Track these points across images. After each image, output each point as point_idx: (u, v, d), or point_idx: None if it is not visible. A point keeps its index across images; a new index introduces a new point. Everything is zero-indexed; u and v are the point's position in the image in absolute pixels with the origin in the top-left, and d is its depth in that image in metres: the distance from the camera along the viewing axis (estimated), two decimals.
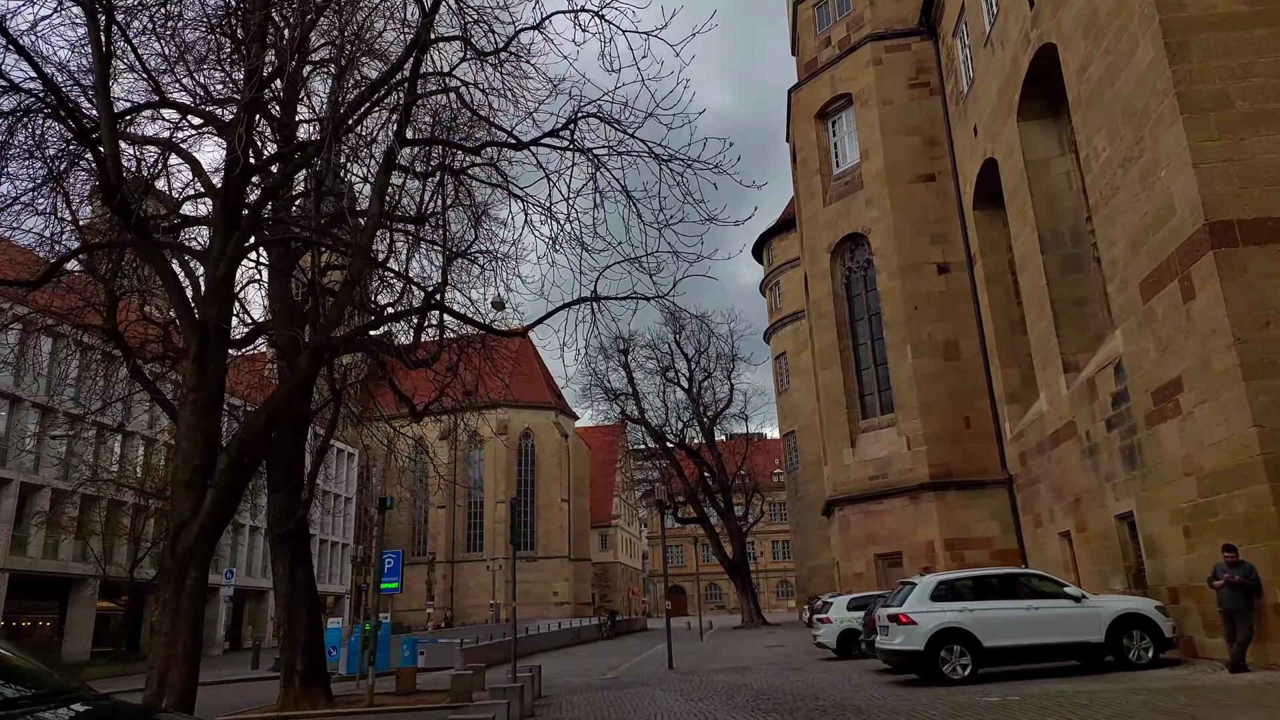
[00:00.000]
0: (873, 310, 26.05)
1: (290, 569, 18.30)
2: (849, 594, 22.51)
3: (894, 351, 24.80)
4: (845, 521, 25.46)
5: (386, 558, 32.27)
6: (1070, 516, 18.57)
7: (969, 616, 13.24)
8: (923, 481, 23.45)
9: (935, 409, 23.84)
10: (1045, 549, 20.40)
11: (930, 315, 24.44)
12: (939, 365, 24.07)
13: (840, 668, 18.21)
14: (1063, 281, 18.68)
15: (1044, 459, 20.01)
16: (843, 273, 27.07)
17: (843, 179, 27.36)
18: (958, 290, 24.45)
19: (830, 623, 20.70)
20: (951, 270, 24.65)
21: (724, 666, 21.59)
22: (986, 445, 23.26)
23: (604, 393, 51.85)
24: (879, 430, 25.21)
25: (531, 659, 31.35)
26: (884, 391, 25.40)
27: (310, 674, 17.72)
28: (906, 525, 23.68)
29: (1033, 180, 19.35)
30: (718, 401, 51.87)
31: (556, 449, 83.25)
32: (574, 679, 21.35)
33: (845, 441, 25.84)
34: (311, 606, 18.26)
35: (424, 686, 20.94)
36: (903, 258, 24.92)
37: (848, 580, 25.20)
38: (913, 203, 25.29)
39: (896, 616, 13.60)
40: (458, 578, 79.29)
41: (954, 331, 24.22)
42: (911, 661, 13.47)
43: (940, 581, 13.83)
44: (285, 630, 18.06)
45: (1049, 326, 18.81)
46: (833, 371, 26.50)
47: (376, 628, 18.07)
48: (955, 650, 13.13)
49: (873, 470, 24.89)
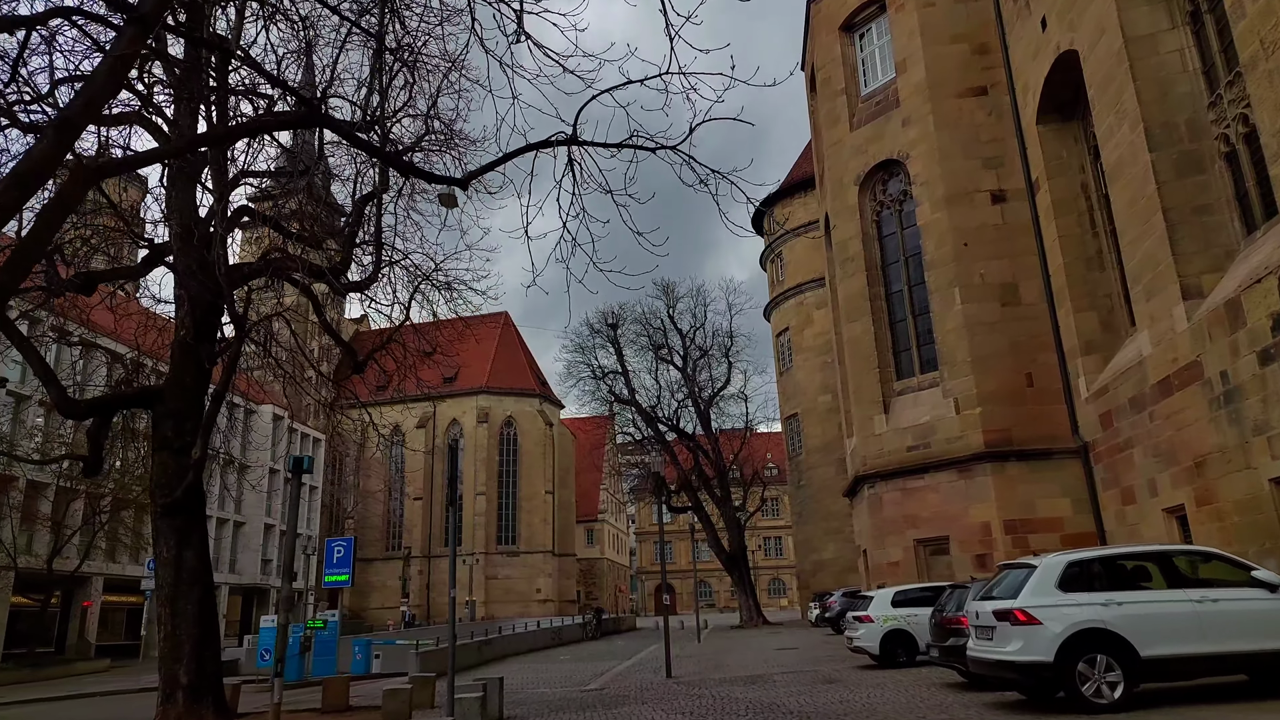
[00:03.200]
0: (910, 250, 21.90)
1: (176, 550, 13.91)
2: (886, 587, 18.37)
3: (939, 297, 20.66)
4: (877, 501, 21.31)
5: (335, 545, 27.86)
6: (1187, 486, 14.45)
7: (1117, 613, 9.08)
8: (976, 451, 19.31)
9: (990, 364, 19.71)
10: (1140, 530, 16.28)
11: (983, 252, 20.31)
12: (994, 312, 19.96)
13: (893, 680, 14.02)
14: (1179, 185, 14.55)
15: (1141, 417, 15.89)
16: (873, 208, 22.91)
17: (874, 98, 23.17)
18: (1016, 223, 20.33)
19: (871, 622, 16.52)
20: (1008, 199, 20.53)
21: (735, 675, 17.37)
22: (1053, 407, 19.15)
23: (590, 371, 47.66)
24: (919, 392, 21.06)
25: (504, 663, 27.09)
26: (924, 346, 21.27)
27: (199, 688, 13.39)
28: (955, 504, 19.55)
29: (1135, 63, 15.21)
30: (714, 381, 47.69)
31: (540, 438, 78.76)
32: (550, 690, 17.07)
33: (877, 406, 21.68)
34: (204, 600, 13.89)
35: (360, 701, 16.65)
36: (949, 185, 20.78)
37: (880, 571, 21.06)
38: (961, 121, 21.14)
39: (1008, 613, 9.41)
40: (435, 573, 74.71)
41: (1012, 271, 20.10)
42: (1033, 677, 9.29)
43: (1071, 563, 9.63)
44: (166, 631, 13.72)
45: (1160, 244, 14.68)
46: (862, 324, 22.32)
47: (285, 629, 13.73)
48: (1099, 662, 8.96)
49: (912, 439, 20.75)
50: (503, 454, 77.80)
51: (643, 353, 48.00)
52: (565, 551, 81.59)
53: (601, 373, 47.47)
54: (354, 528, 75.75)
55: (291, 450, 56.03)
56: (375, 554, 76.29)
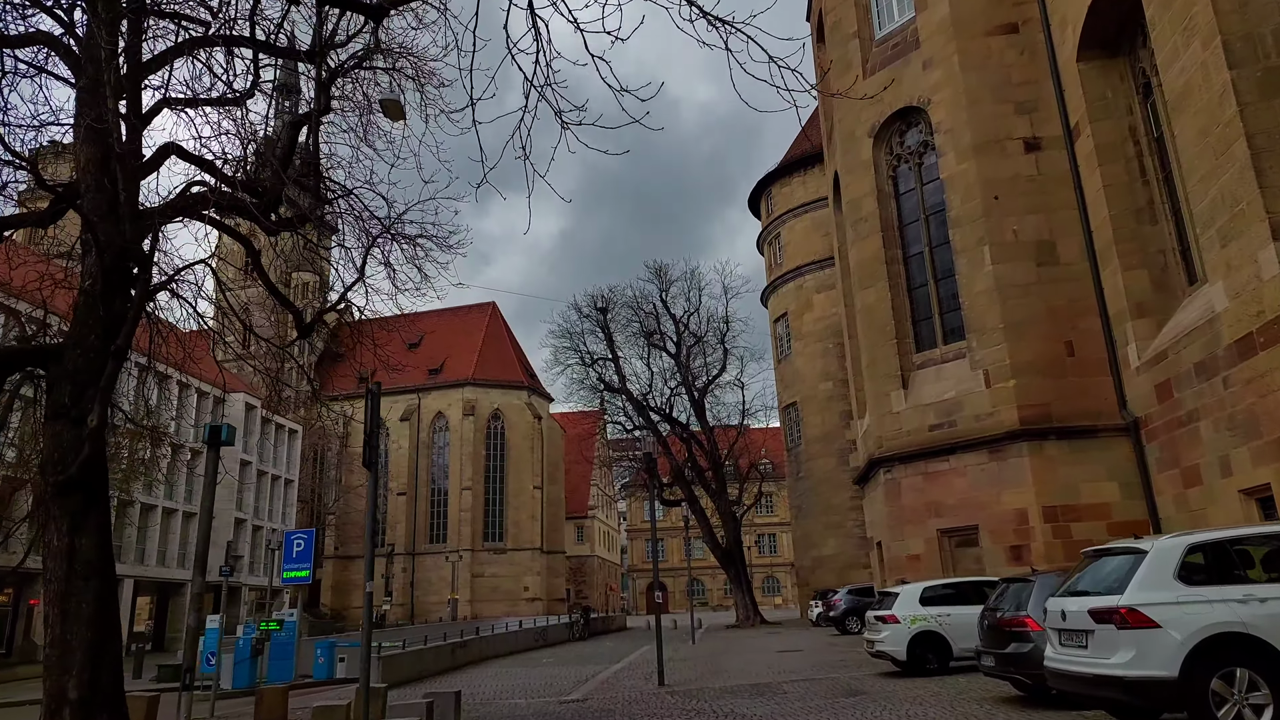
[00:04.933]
0: (931, 207, 19.64)
1: (69, 537, 11.41)
2: (910, 583, 16.13)
3: (966, 258, 18.40)
4: (894, 487, 19.05)
5: (294, 539, 25.44)
6: (1275, 463, 12.21)
7: (1260, 613, 6.81)
8: (1010, 429, 17.06)
9: (1025, 331, 17.46)
10: (1208, 516, 14.04)
11: (1016, 206, 18.06)
12: (1029, 272, 17.71)
13: (931, 693, 11.74)
14: (1265, 107, 12.31)
15: (1212, 384, 13.66)
16: (889, 163, 20.63)
17: (890, 41, 20.88)
18: (1053, 173, 18.10)
19: (896, 622, 14.24)
20: (1043, 147, 18.28)
21: (737, 684, 15.08)
22: (1097, 378, 16.92)
23: (579, 358, 45.29)
24: (942, 364, 18.80)
25: (480, 668, 24.72)
26: (948, 314, 19.01)
27: (90, 702, 10.99)
28: (985, 489, 17.30)
29: None
30: (709, 368, 45.37)
31: (528, 432, 76.36)
32: (525, 701, 14.74)
33: (894, 381, 19.41)
34: (102, 597, 11.40)
35: (301, 715, 14.28)
36: (977, 133, 18.53)
37: (898, 565, 18.81)
38: (990, 61, 18.88)
39: (1112, 613, 7.13)
40: (419, 571, 72.31)
41: (1049, 228, 17.86)
42: (1148, 697, 6.99)
43: (1193, 547, 7.34)
44: (54, 635, 11.32)
45: (1241, 178, 12.43)
46: (877, 290, 20.03)
47: (197, 631, 11.34)
48: (1240, 678, 6.70)
49: (934, 417, 18.49)
50: (489, 448, 75.35)
51: (634, 339, 45.70)
52: (554, 549, 79.20)
53: (591, 359, 45.13)
54: (335, 523, 73.25)
55: (266, 442, 53.54)
56: (358, 551, 73.67)
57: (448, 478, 74.27)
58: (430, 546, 72.78)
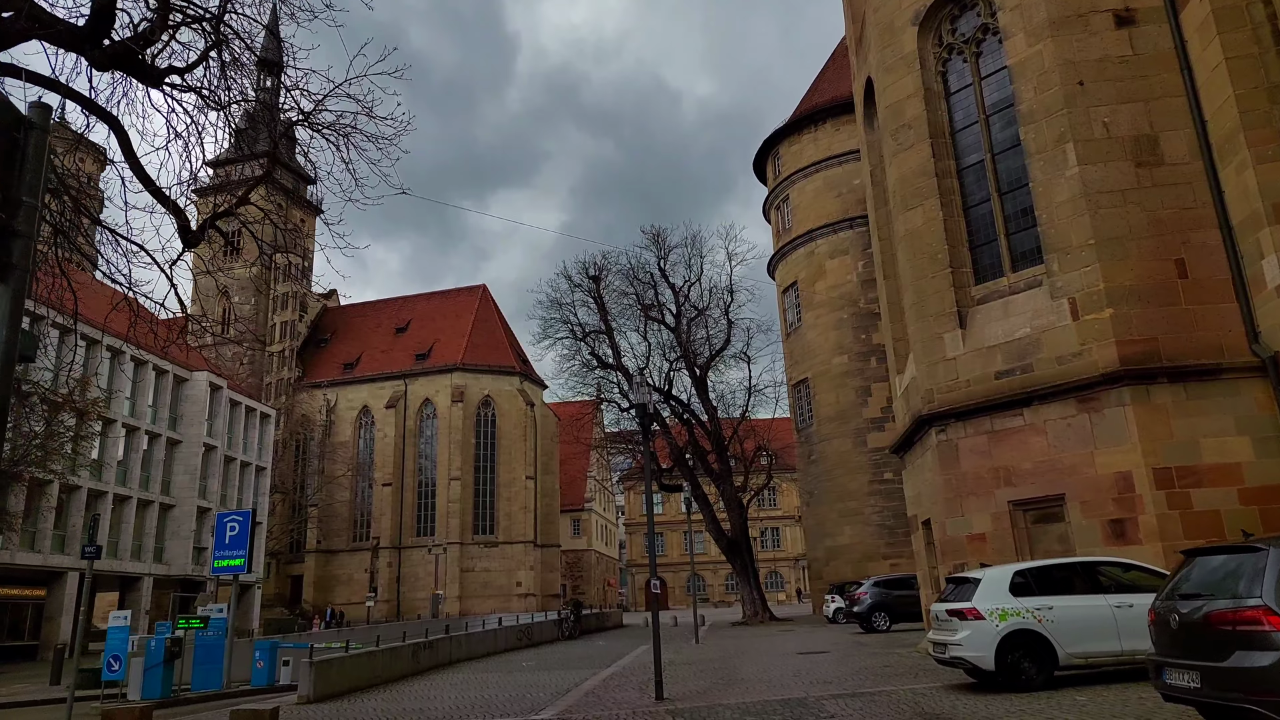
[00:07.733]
0: (993, 106, 15.89)
1: None
2: (990, 566, 12.47)
3: (1042, 161, 14.65)
4: (950, 450, 15.32)
5: (226, 521, 21.79)
6: None
7: None
8: (1106, 371, 13.32)
9: (1123, 249, 13.72)
10: None
11: (1106, 95, 14.30)
12: (1126, 175, 13.96)
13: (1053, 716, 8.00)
14: None
15: None
16: (938, 56, 16.89)
17: None
18: (1152, 52, 14.35)
19: (979, 619, 10.52)
20: (1138, 21, 14.52)
21: (762, 700, 11.34)
22: (1219, 305, 13.20)
23: (570, 331, 41.47)
24: (1011, 296, 15.06)
25: (447, 672, 20.89)
26: (1017, 234, 15.26)
27: None
28: (1073, 449, 13.56)
29: None
30: (711, 342, 41.57)
31: (521, 420, 72.49)
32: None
33: (948, 320, 15.67)
34: None
35: None
36: (1055, 5, 14.78)
37: (954, 547, 15.08)
38: None
39: None
40: (405, 566, 68.52)
41: (1148, 120, 14.10)
42: None
43: None
44: None
45: None
46: (925, 211, 16.28)
47: None
48: None
49: (1002, 361, 14.76)
50: (479, 436, 71.47)
51: (630, 310, 41.89)
52: (549, 542, 75.37)
53: (583, 332, 41.33)
54: (318, 516, 69.47)
55: (236, 426, 49.70)
56: (341, 545, 69.96)
57: (436, 468, 70.50)
58: (417, 540, 69.00)
